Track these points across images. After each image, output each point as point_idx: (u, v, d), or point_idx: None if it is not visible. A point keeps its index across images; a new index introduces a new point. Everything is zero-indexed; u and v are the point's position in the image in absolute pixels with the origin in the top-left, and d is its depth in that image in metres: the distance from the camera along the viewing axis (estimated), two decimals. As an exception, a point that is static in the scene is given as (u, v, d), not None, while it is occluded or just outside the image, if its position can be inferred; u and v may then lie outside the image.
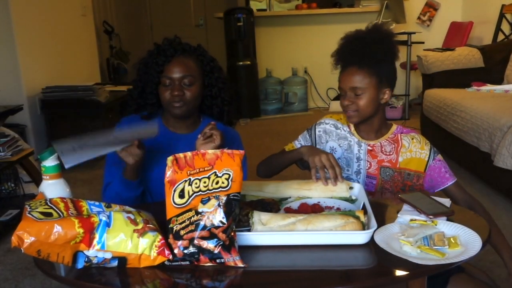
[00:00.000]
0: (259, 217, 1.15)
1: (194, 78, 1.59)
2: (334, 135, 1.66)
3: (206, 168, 1.08)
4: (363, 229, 1.13)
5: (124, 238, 1.04)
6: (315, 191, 1.39)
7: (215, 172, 1.08)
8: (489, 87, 3.67)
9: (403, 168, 1.59)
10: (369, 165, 1.60)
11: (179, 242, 1.05)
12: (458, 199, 1.57)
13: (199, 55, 1.64)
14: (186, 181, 1.08)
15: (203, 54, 1.65)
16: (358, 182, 1.57)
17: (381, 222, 1.18)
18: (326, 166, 1.39)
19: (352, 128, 1.64)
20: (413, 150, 1.59)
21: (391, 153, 1.59)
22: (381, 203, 1.47)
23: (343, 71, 1.54)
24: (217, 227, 1.04)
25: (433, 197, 1.35)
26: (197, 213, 1.05)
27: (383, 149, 1.60)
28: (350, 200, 1.37)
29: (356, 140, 1.62)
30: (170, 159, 1.10)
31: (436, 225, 1.17)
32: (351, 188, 1.41)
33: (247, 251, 1.09)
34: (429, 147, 1.60)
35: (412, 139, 1.60)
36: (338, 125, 1.67)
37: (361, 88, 1.50)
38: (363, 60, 1.50)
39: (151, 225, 1.08)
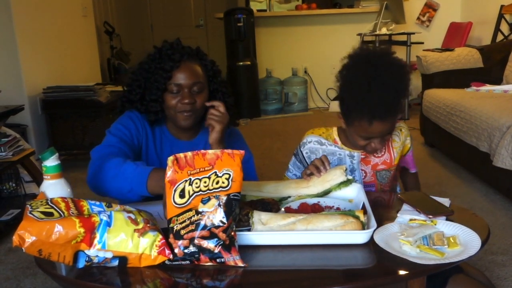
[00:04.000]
0: (259, 217, 1.16)
1: (203, 85, 1.53)
2: (321, 152, 1.57)
3: (206, 168, 1.09)
4: (363, 228, 1.14)
5: (124, 238, 1.04)
6: (314, 187, 1.40)
7: (216, 172, 1.08)
8: (488, 87, 3.67)
9: (397, 163, 1.61)
10: (364, 174, 1.57)
11: (180, 242, 1.05)
12: (411, 184, 1.72)
13: (202, 59, 1.57)
14: (186, 181, 1.08)
15: (204, 57, 1.58)
16: (352, 176, 1.56)
17: (380, 222, 1.18)
18: (314, 164, 1.43)
19: (339, 142, 1.58)
20: (402, 140, 1.60)
21: (383, 153, 1.57)
22: (381, 203, 1.48)
23: (373, 124, 1.38)
24: (217, 227, 1.05)
25: (432, 197, 1.35)
26: (198, 212, 1.06)
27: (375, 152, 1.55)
28: (348, 181, 1.39)
29: (347, 153, 1.56)
30: (170, 159, 1.10)
31: (435, 224, 1.18)
32: (346, 170, 1.43)
33: (247, 250, 1.09)
34: (409, 138, 1.64)
35: (401, 130, 1.61)
36: (322, 141, 1.59)
37: (390, 133, 1.48)
38: (396, 111, 1.41)
39: (151, 225, 1.09)
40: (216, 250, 1.04)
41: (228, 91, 1.63)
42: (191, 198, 1.07)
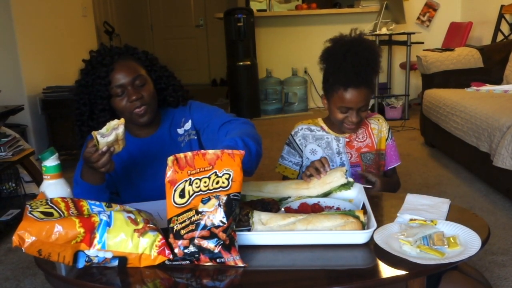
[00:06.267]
0: (259, 217, 1.16)
1: (144, 77, 1.51)
2: (311, 137, 1.73)
3: (206, 168, 1.09)
4: (363, 228, 1.14)
5: (124, 238, 1.04)
6: (314, 189, 1.40)
7: (216, 172, 1.08)
8: (488, 87, 3.67)
9: (379, 149, 1.74)
10: (350, 156, 1.70)
11: (180, 242, 1.05)
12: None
13: (133, 54, 1.55)
14: (186, 181, 1.08)
15: (135, 51, 1.57)
16: (352, 178, 1.61)
17: (380, 222, 1.18)
18: (313, 166, 1.46)
19: (326, 128, 1.74)
20: (382, 130, 1.76)
21: (365, 138, 1.72)
22: (381, 203, 1.48)
23: (348, 91, 1.56)
24: (217, 227, 1.05)
25: (432, 197, 1.36)
26: (198, 212, 1.06)
27: (357, 138, 1.72)
28: (349, 184, 1.40)
29: (333, 137, 1.72)
30: (170, 159, 1.10)
31: (435, 224, 1.18)
32: (346, 172, 1.45)
33: (247, 250, 1.09)
34: (388, 127, 1.78)
35: (378, 120, 1.77)
36: (311, 128, 1.75)
37: (366, 104, 1.61)
38: (368, 81, 1.59)
39: (151, 225, 1.09)
40: (216, 250, 1.04)
41: (171, 74, 1.62)
42: (191, 198, 1.07)
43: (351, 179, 1.42)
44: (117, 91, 1.47)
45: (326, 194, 1.40)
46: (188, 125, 1.62)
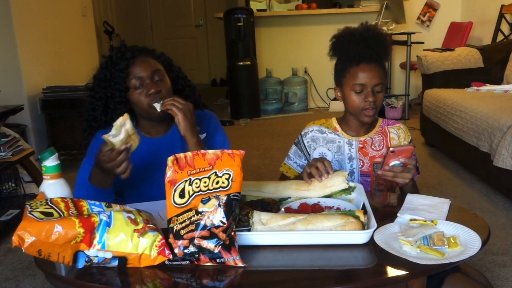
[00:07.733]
0: (259, 217, 1.16)
1: (163, 72, 1.52)
2: (321, 140, 1.65)
3: (206, 168, 1.09)
4: (363, 229, 1.14)
5: (124, 238, 1.04)
6: (314, 191, 1.39)
7: (216, 172, 1.08)
8: (488, 87, 3.67)
9: None
10: (361, 164, 1.62)
11: (179, 242, 1.05)
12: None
13: (151, 53, 1.57)
14: (186, 181, 1.08)
15: (153, 51, 1.58)
16: (353, 182, 1.59)
17: (381, 222, 1.18)
18: (314, 165, 1.41)
19: (340, 129, 1.66)
20: (401, 142, 1.64)
21: (381, 147, 1.62)
22: (381, 203, 1.47)
23: (360, 67, 1.52)
24: (217, 227, 1.05)
25: (432, 197, 1.35)
26: (198, 212, 1.06)
27: (373, 145, 1.62)
28: (350, 189, 1.39)
29: (346, 140, 1.63)
30: (170, 159, 1.10)
31: (435, 225, 1.18)
32: (349, 177, 1.43)
33: (247, 251, 1.09)
34: (410, 139, 1.67)
35: (399, 129, 1.66)
36: (323, 130, 1.67)
37: (381, 83, 1.54)
38: (380, 57, 1.55)
39: (151, 225, 1.09)
40: (216, 250, 1.04)
41: (186, 76, 1.64)
42: (191, 198, 1.07)
43: (352, 184, 1.40)
44: (136, 84, 1.48)
45: (326, 197, 1.39)
46: (202, 136, 1.58)
